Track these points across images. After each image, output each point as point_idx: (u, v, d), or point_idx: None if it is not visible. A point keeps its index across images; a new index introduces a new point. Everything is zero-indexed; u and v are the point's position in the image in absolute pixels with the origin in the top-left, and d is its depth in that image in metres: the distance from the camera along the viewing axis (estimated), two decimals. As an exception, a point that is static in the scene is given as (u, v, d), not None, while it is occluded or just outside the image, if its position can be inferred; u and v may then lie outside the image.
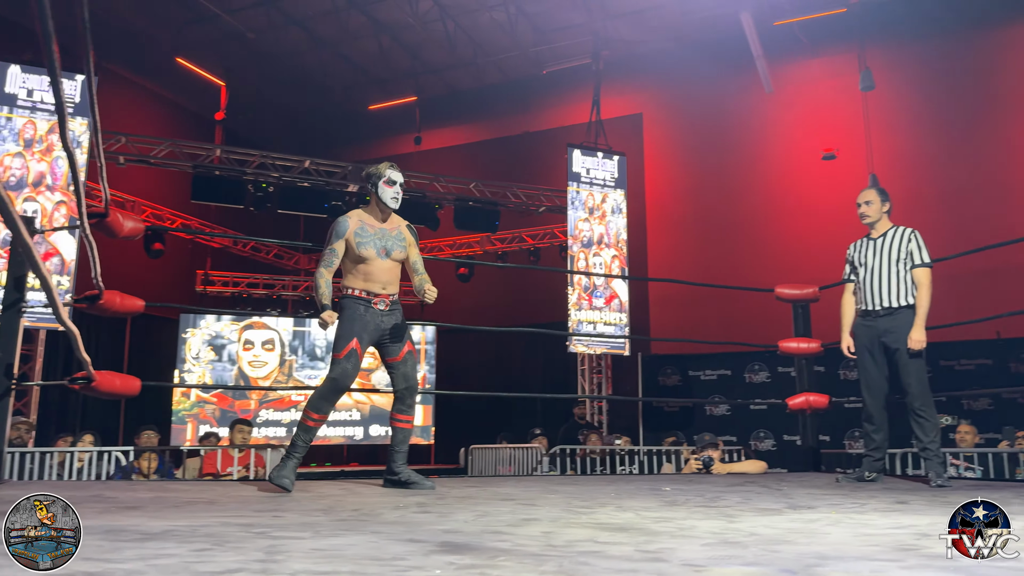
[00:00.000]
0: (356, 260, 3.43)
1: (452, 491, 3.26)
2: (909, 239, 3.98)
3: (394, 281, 3.48)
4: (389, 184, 3.47)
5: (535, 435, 7.37)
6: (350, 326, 3.36)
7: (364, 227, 3.45)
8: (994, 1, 9.47)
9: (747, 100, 10.62)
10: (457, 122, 12.70)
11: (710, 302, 9.41)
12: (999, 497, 3.01)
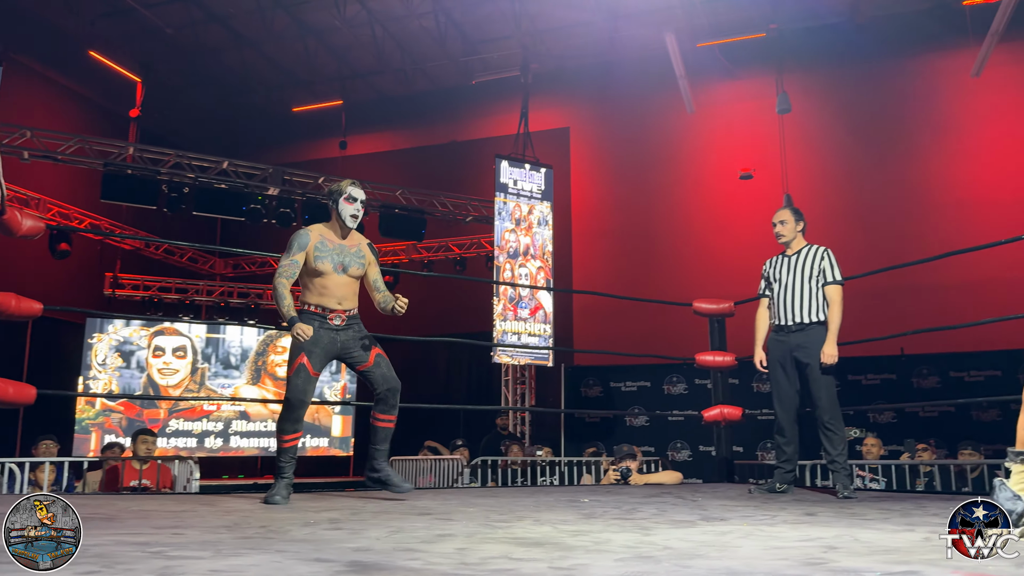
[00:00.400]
0: (312, 274, 3.46)
1: (368, 505, 3.18)
2: (822, 257, 4.12)
3: (350, 297, 3.51)
4: (349, 201, 3.49)
5: (457, 446, 7.31)
6: (300, 342, 3.37)
7: (324, 242, 3.49)
8: (903, 32, 9.97)
9: (670, 118, 10.86)
10: (384, 128, 12.56)
11: (632, 315, 9.55)
12: (902, 508, 3.13)
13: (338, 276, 3.46)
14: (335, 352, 3.47)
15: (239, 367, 10.24)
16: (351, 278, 3.50)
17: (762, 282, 4.33)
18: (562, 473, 6.79)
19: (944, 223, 9.07)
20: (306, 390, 3.38)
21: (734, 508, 3.17)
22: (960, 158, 9.59)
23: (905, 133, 9.86)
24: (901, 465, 5.62)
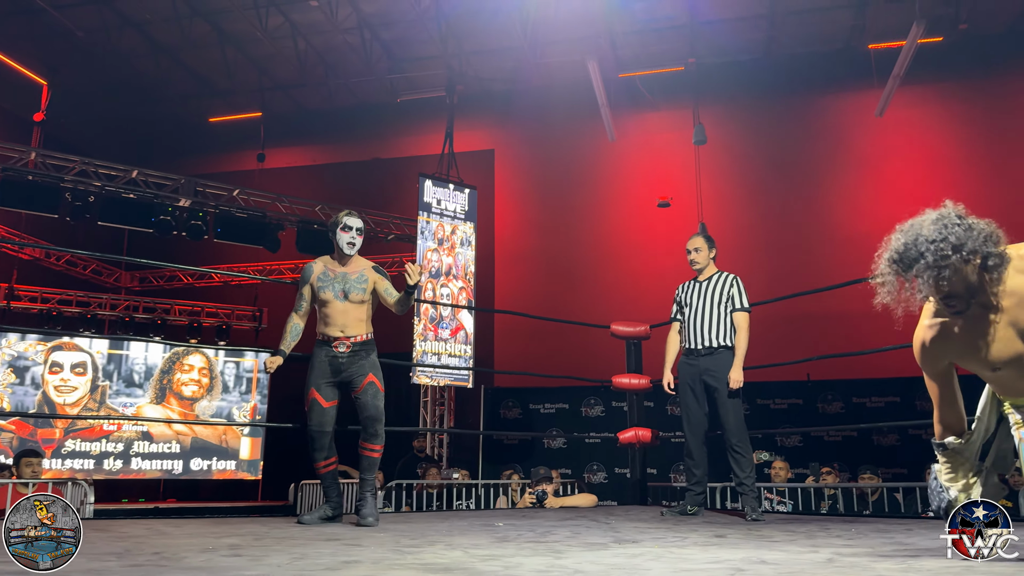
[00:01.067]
0: (319, 304, 3.67)
1: (273, 531, 3.04)
2: (731, 284, 4.23)
3: (355, 323, 3.64)
4: (345, 230, 3.65)
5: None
6: (310, 375, 3.63)
7: (327, 272, 3.68)
8: (814, 71, 10.47)
9: (592, 145, 11.06)
10: (304, 142, 12.34)
11: (552, 336, 9.61)
12: (807, 530, 3.20)
13: (340, 303, 3.61)
14: (341, 379, 3.62)
15: (143, 385, 9.77)
16: (354, 304, 3.63)
17: (674, 306, 4.41)
18: (479, 496, 6.72)
19: (849, 254, 9.47)
20: (322, 421, 3.59)
21: (646, 530, 3.18)
22: (864, 192, 10.09)
23: (814, 167, 10.31)
24: (807, 488, 5.79)
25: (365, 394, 3.58)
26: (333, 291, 3.61)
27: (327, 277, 3.64)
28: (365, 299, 3.66)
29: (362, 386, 3.58)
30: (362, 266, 3.71)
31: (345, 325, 3.60)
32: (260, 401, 10.30)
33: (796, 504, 5.79)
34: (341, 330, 3.60)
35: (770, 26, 10.11)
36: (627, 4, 9.13)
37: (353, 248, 3.64)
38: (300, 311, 3.72)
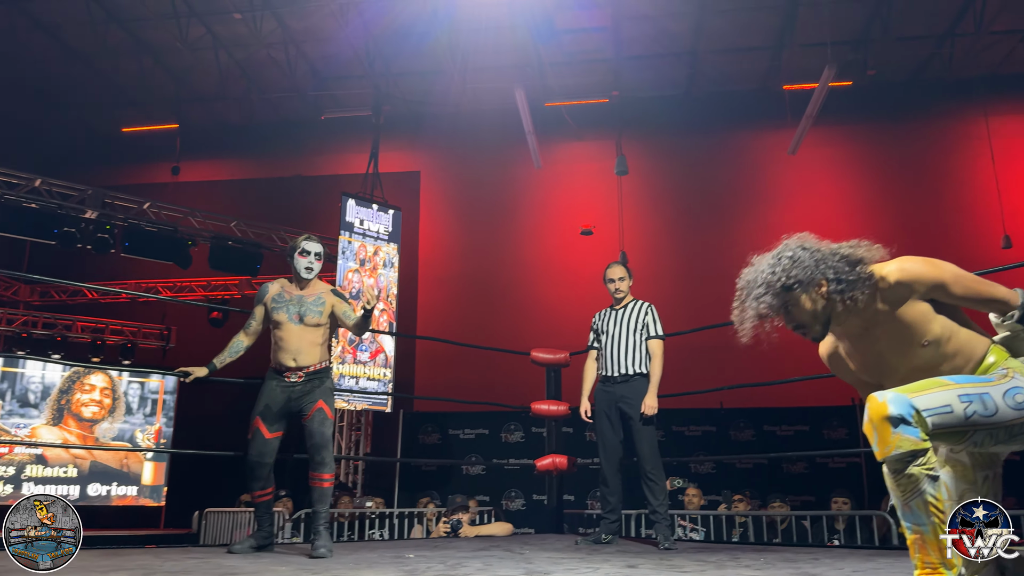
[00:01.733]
0: (273, 327, 3.59)
1: (166, 563, 2.86)
2: (646, 312, 4.28)
3: (308, 350, 3.55)
4: (303, 255, 3.62)
5: (280, 496, 6.88)
6: (257, 403, 3.53)
7: (282, 294, 3.61)
8: (732, 109, 10.84)
9: (518, 171, 11.13)
10: (222, 156, 11.99)
11: (474, 361, 9.53)
12: (717, 559, 3.22)
13: (294, 326, 3.53)
14: (290, 410, 3.53)
15: (39, 406, 9.21)
16: (309, 327, 3.54)
17: (591, 334, 4.44)
18: (393, 525, 6.55)
19: (762, 286, 9.80)
20: (262, 452, 3.47)
21: (560, 560, 3.14)
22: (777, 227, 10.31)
23: (730, 201, 10.64)
24: (719, 515, 5.87)
25: (312, 421, 3.49)
26: (288, 314, 3.55)
27: (282, 299, 3.59)
28: (321, 323, 3.58)
29: (311, 413, 3.50)
30: (320, 289, 3.67)
31: (299, 351, 3.53)
32: (165, 424, 9.84)
33: (708, 531, 5.86)
34: (294, 358, 3.53)
35: (692, 64, 10.43)
36: (555, 35, 9.27)
37: (311, 273, 3.62)
38: (248, 329, 3.66)
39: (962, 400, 1.83)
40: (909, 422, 1.76)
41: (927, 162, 10.51)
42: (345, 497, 6.69)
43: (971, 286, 1.96)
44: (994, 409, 1.83)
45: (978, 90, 10.26)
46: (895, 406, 1.78)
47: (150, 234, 9.23)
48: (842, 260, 1.98)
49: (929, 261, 1.97)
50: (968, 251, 9.65)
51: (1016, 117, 10.38)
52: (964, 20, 9.23)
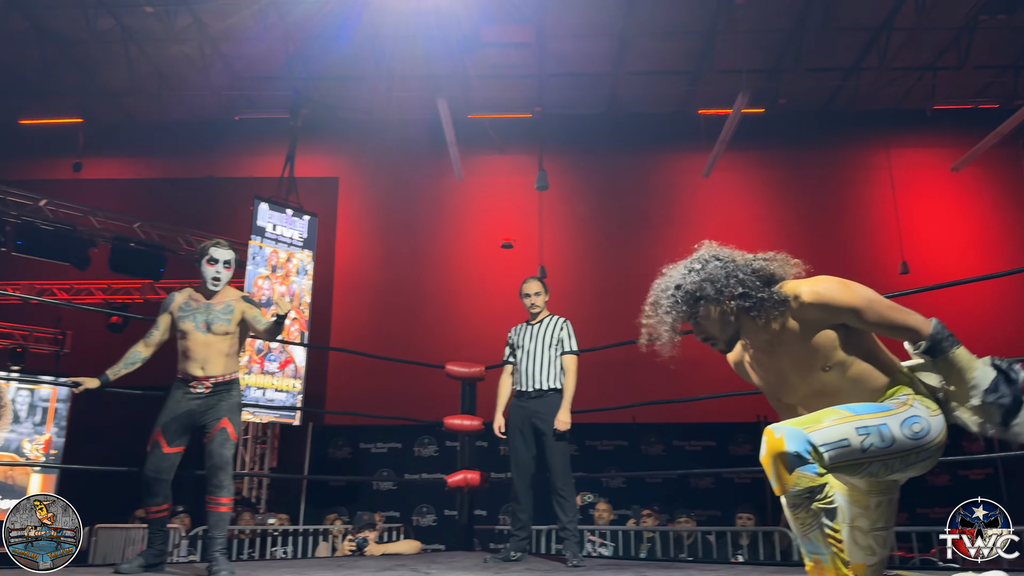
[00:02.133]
0: (179, 336, 3.46)
1: (40, 588, 2.64)
2: (561, 327, 4.28)
3: (216, 359, 3.43)
4: (211, 263, 3.50)
5: (176, 512, 6.56)
6: (160, 415, 3.38)
7: (189, 302, 3.49)
8: (650, 131, 11.07)
9: (440, 182, 11.05)
10: (129, 154, 11.44)
11: (388, 373, 9.35)
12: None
13: (201, 335, 3.42)
14: (193, 423, 3.39)
15: (-89, 414, 8.54)
16: (217, 336, 3.43)
17: (507, 348, 4.40)
18: (297, 543, 6.33)
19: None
20: (159, 467, 3.31)
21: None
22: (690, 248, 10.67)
23: (646, 220, 10.84)
24: (628, 531, 5.91)
25: (213, 441, 3.34)
26: (195, 322, 3.43)
27: (189, 308, 3.47)
28: (230, 331, 3.46)
29: (213, 431, 3.35)
30: (229, 296, 3.54)
31: (207, 360, 3.41)
32: (56, 434, 9.28)
33: (617, 546, 5.89)
34: (202, 367, 3.40)
35: (612, 84, 10.61)
36: (480, 48, 9.26)
37: (219, 284, 3.49)
38: (149, 339, 3.52)
39: (859, 433, 1.81)
40: (806, 459, 1.75)
41: (832, 189, 11.00)
42: (247, 513, 6.43)
43: (884, 313, 1.93)
44: (891, 440, 1.83)
45: (881, 123, 10.82)
46: (791, 443, 1.75)
47: (46, 233, 8.71)
48: (754, 275, 1.96)
49: (845, 284, 1.94)
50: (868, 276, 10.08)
51: (915, 149, 10.98)
52: (870, 55, 9.72)
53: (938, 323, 1.95)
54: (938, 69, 9.99)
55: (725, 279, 1.96)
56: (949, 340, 1.93)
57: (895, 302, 1.98)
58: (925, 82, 10.25)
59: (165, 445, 3.31)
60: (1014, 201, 10.69)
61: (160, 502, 3.36)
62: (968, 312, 9.90)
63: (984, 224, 10.70)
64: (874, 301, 1.93)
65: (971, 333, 8.66)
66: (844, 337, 1.94)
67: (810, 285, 1.95)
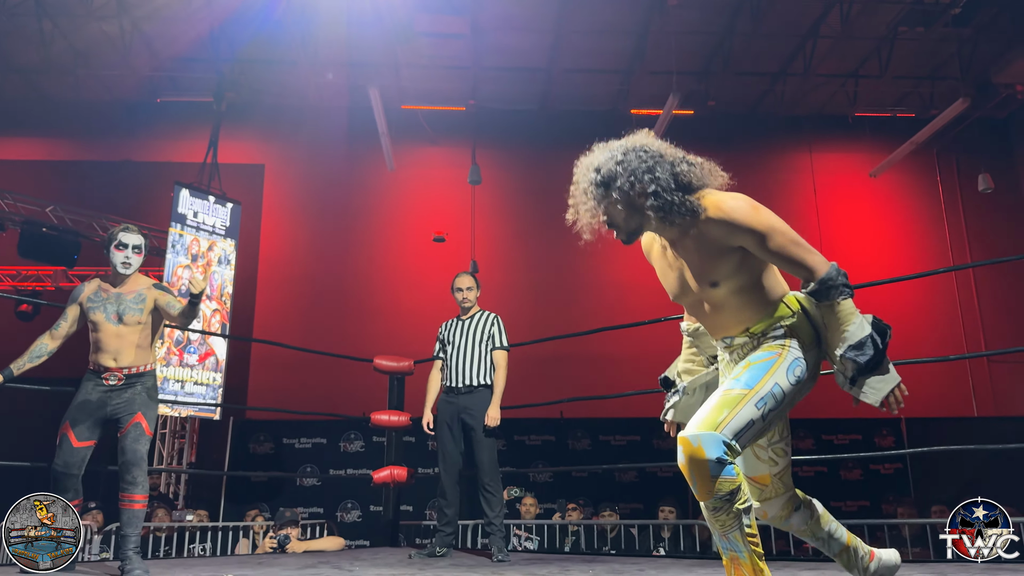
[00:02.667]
0: (91, 328, 3.37)
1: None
2: (492, 323, 4.26)
3: (128, 351, 3.33)
4: (119, 248, 3.40)
5: (89, 509, 6.27)
6: (70, 407, 3.28)
7: (99, 292, 3.39)
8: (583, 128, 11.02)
9: (371, 173, 10.87)
10: (42, 134, 10.86)
11: (313, 366, 9.16)
12: (547, 572, 3.22)
13: (113, 326, 3.32)
14: (105, 416, 3.28)
15: None
16: (129, 327, 3.34)
17: (437, 344, 4.36)
18: (216, 539, 6.13)
19: (602, 302, 10.11)
20: (68, 462, 3.15)
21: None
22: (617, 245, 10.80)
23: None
24: (553, 524, 5.94)
25: (126, 437, 3.24)
26: (105, 313, 3.33)
27: (99, 298, 3.37)
28: (143, 320, 3.37)
29: (126, 427, 3.25)
30: (140, 285, 3.46)
31: (119, 352, 3.32)
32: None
33: (543, 540, 5.91)
34: (114, 358, 3.31)
35: (546, 80, 10.63)
36: (414, 38, 9.14)
37: (128, 268, 3.40)
38: (56, 331, 3.40)
39: (758, 407, 1.84)
40: (725, 460, 1.76)
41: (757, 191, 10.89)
42: (162, 510, 6.20)
43: (785, 245, 1.90)
44: (782, 396, 1.87)
45: (805, 128, 11.17)
46: (710, 448, 1.76)
47: (-55, 215, 8.21)
48: (673, 177, 1.91)
49: (754, 207, 1.92)
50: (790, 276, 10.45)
51: (836, 154, 11.38)
52: (795, 62, 10.01)
53: (836, 269, 1.91)
54: (860, 77, 10.37)
55: (641, 173, 1.91)
56: (839, 289, 1.89)
57: (801, 238, 1.94)
58: (847, 89, 10.63)
59: (74, 439, 3.19)
60: (928, 206, 11.19)
61: (71, 498, 3.19)
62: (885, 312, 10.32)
63: (900, 228, 11.18)
64: (778, 231, 1.90)
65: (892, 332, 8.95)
66: (740, 259, 1.93)
67: (719, 199, 1.93)
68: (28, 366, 3.35)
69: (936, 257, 10.71)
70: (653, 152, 1.96)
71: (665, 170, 1.92)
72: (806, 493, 2.18)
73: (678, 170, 1.94)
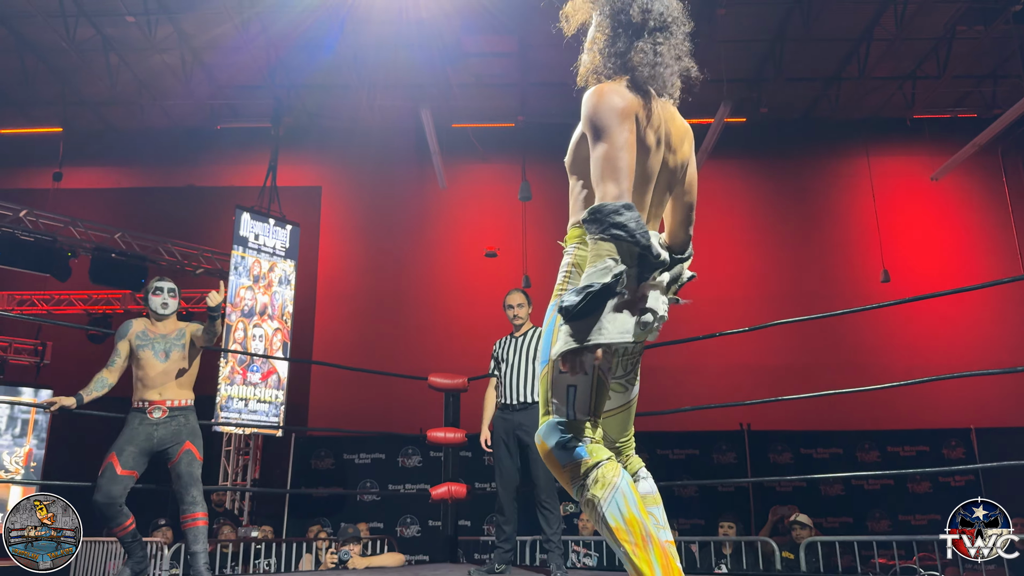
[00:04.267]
0: (136, 365, 3.57)
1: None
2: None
3: (173, 387, 3.56)
4: (156, 293, 3.70)
5: (158, 526, 6.48)
6: (117, 440, 3.44)
7: (146, 331, 3.63)
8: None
9: (423, 190, 11.03)
10: (109, 163, 11.34)
11: (371, 383, 9.31)
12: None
13: (160, 363, 3.55)
14: (151, 448, 3.45)
15: None
16: (174, 363, 3.58)
17: (491, 361, 4.40)
18: (281, 554, 6.27)
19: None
20: (111, 492, 3.30)
21: (448, 595, 3.05)
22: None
23: (630, 229, 10.85)
24: (612, 540, 5.89)
25: (180, 463, 3.45)
26: (154, 351, 3.58)
27: (147, 336, 3.62)
28: (186, 356, 3.64)
29: (177, 456, 3.46)
30: (179, 324, 3.75)
31: (164, 386, 3.55)
32: (36, 446, 9.17)
33: (602, 556, 5.87)
34: (159, 392, 3.53)
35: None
36: (463, 58, 9.27)
37: (167, 309, 3.67)
38: (112, 366, 3.62)
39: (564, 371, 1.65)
40: (568, 443, 1.61)
41: (814, 198, 11.08)
42: (227, 526, 6.36)
43: (598, 159, 1.69)
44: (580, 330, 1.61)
45: (861, 131, 10.92)
46: (549, 438, 1.65)
47: (26, 244, 8.61)
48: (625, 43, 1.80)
49: (607, 108, 1.71)
50: (850, 284, 10.20)
51: (894, 158, 11.09)
52: (850, 65, 9.81)
53: (622, 207, 1.63)
54: (917, 79, 10.11)
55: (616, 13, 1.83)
56: (603, 227, 1.63)
57: (623, 164, 1.68)
58: (905, 91, 10.37)
59: (119, 466, 3.36)
60: (993, 210, 10.81)
61: (120, 522, 3.38)
62: (953, 321, 10.01)
63: (964, 232, 10.81)
64: (605, 142, 1.69)
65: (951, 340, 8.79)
66: (584, 153, 1.79)
67: (602, 85, 1.79)
68: (94, 395, 3.59)
69: (1004, 263, 10.32)
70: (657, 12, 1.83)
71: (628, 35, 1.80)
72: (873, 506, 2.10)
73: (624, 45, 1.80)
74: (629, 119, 1.72)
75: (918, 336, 9.99)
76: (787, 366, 9.73)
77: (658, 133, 1.79)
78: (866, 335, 9.90)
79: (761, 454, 8.38)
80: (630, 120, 1.73)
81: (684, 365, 9.35)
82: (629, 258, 1.68)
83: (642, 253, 1.68)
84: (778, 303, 9.69)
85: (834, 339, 9.82)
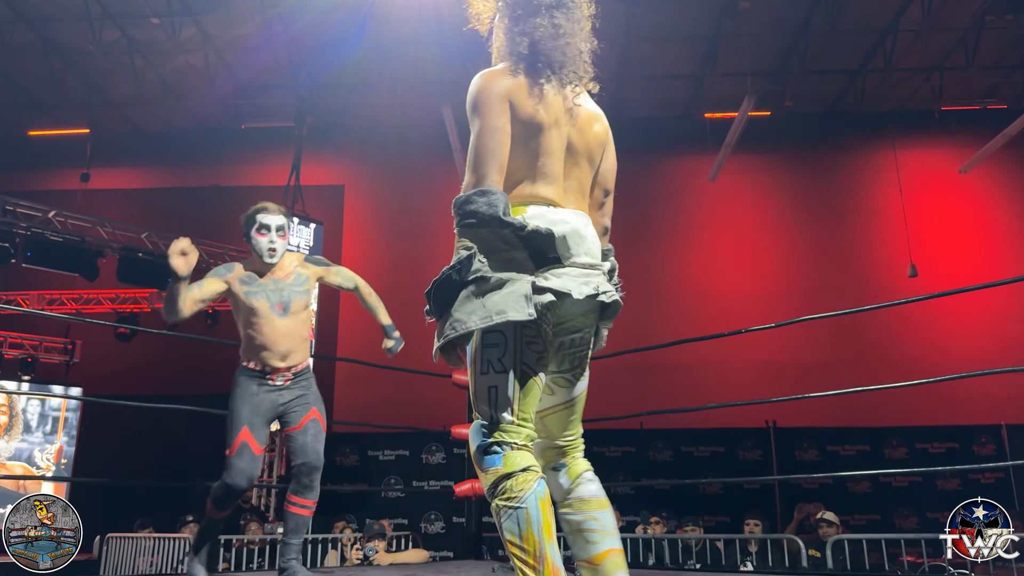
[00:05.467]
0: (247, 317, 2.86)
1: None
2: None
3: (298, 347, 2.93)
4: (262, 232, 2.93)
5: (186, 522, 6.57)
6: (239, 411, 2.79)
7: (252, 276, 2.90)
8: (655, 135, 11.02)
9: (445, 187, 11.04)
10: (135, 163, 11.50)
11: (396, 380, 9.34)
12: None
13: (280, 320, 2.87)
14: (275, 416, 2.89)
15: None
16: (296, 318, 2.93)
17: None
18: (306, 551, 6.32)
19: (679, 310, 9.98)
20: (253, 473, 2.78)
21: (473, 593, 3.05)
22: (696, 252, 10.68)
23: (652, 226, 10.80)
24: (635, 538, 5.88)
25: (305, 433, 2.86)
26: (269, 302, 2.86)
27: (255, 281, 2.87)
28: (309, 304, 3.03)
29: (302, 423, 2.86)
30: (293, 267, 3.01)
31: (289, 350, 2.89)
32: (67, 443, 9.33)
33: (625, 554, 5.85)
34: (282, 358, 2.87)
35: (617, 89, 10.57)
36: (483, 55, 9.26)
37: (275, 256, 2.92)
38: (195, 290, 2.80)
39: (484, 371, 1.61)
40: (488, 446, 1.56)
41: (840, 191, 10.94)
42: (254, 523, 6.43)
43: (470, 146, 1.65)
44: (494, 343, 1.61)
45: (888, 124, 10.77)
46: (471, 440, 1.60)
47: (55, 244, 8.74)
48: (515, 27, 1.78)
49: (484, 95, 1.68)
50: (877, 278, 10.07)
51: (922, 151, 10.92)
52: (875, 57, 9.68)
53: (467, 199, 1.61)
54: (945, 70, 9.95)
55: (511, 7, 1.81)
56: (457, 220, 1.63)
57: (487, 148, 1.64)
58: (932, 83, 10.21)
59: (256, 446, 2.79)
60: (1023, 203, 10.62)
61: (230, 508, 2.94)
62: (977, 316, 9.84)
63: (993, 226, 10.63)
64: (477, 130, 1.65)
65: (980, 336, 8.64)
66: None
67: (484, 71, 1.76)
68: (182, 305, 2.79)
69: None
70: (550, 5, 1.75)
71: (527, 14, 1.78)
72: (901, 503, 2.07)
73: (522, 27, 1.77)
74: (502, 102, 1.69)
75: (946, 331, 9.84)
76: (813, 362, 9.63)
77: (553, 111, 1.74)
78: (893, 330, 9.77)
79: (787, 451, 8.30)
80: (502, 103, 1.69)
81: (708, 361, 9.30)
82: (499, 242, 1.64)
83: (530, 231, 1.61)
84: (803, 298, 9.59)
85: (861, 334, 9.70)
